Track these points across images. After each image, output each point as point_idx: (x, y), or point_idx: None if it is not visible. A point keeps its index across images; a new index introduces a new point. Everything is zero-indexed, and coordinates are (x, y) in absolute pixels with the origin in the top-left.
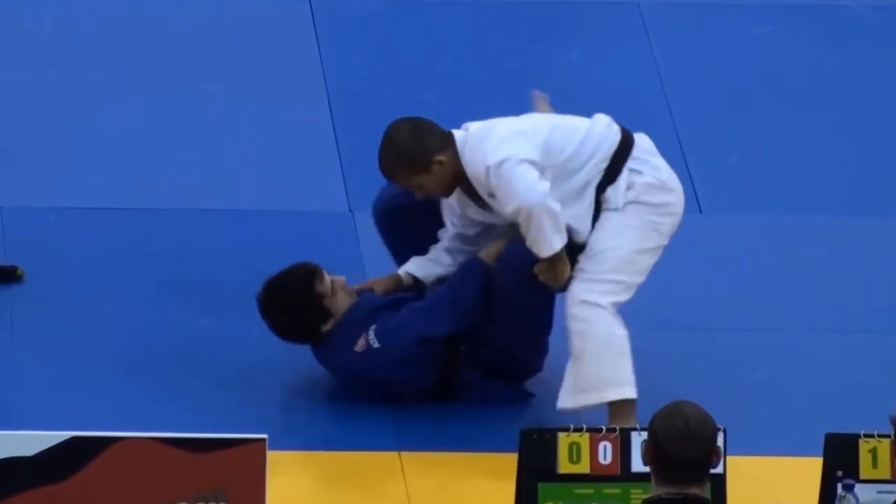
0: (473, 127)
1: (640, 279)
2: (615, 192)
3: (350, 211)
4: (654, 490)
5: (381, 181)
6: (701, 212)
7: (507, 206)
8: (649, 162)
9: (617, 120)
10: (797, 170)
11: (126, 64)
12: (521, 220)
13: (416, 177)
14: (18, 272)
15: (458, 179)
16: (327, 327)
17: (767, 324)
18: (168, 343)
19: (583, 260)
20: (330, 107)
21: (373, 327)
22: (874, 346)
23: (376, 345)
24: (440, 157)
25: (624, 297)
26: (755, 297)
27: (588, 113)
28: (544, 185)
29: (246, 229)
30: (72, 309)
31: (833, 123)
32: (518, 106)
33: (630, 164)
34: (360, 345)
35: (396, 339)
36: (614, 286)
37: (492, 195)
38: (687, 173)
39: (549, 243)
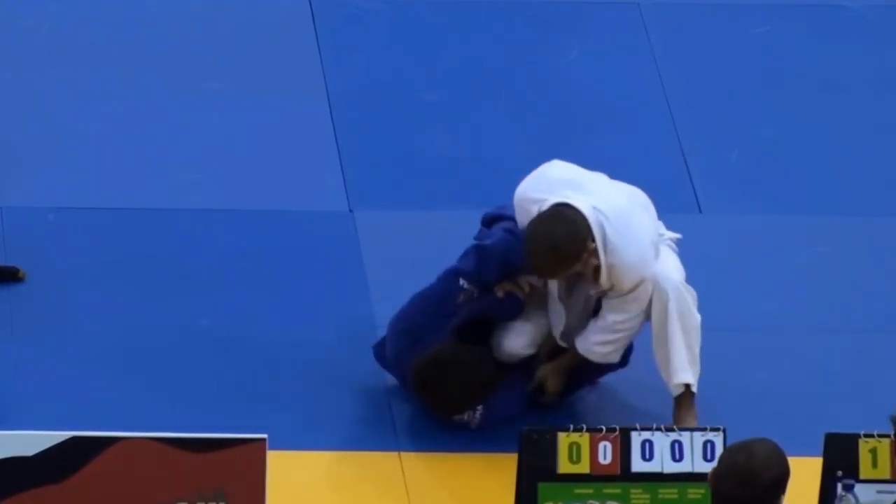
0: (605, 207)
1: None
2: None
3: (350, 211)
4: None
5: (381, 181)
6: (700, 212)
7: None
8: None
9: (618, 120)
10: (797, 170)
11: (126, 63)
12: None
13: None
14: (20, 274)
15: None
16: None
17: (767, 323)
18: (168, 343)
19: None
20: (330, 107)
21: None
22: (874, 346)
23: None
24: (592, 246)
25: None
26: (755, 297)
27: (587, 114)
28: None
29: (246, 229)
30: (71, 309)
31: (833, 123)
32: (516, 106)
33: None
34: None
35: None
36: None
37: (607, 294)
38: (687, 173)
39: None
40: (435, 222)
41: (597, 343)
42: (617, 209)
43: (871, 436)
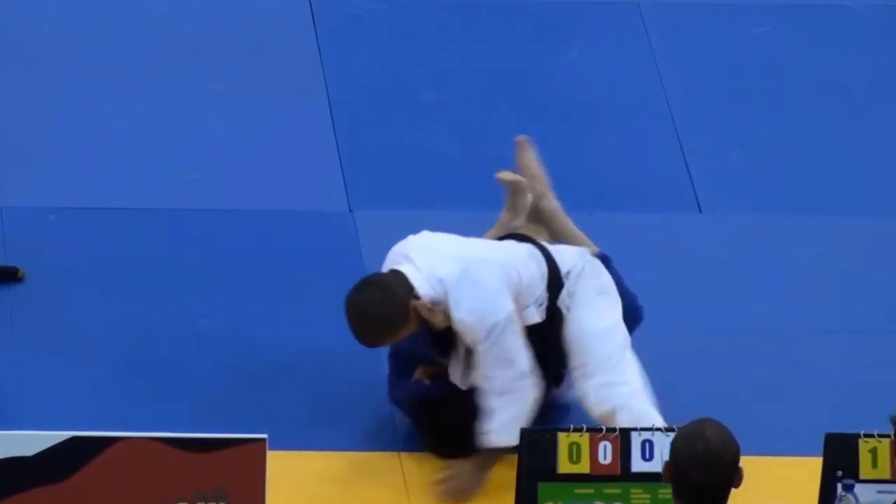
0: (420, 257)
1: (628, 341)
2: (563, 300)
3: (350, 211)
4: None
5: (382, 181)
6: (700, 212)
7: (495, 381)
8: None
9: (617, 120)
10: (797, 169)
11: (126, 63)
12: (502, 399)
13: (401, 333)
14: (20, 274)
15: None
16: None
17: (767, 324)
18: (168, 343)
19: (579, 355)
20: (330, 106)
21: None
22: (875, 346)
23: None
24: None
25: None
26: (755, 297)
27: (587, 114)
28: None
29: (245, 229)
30: (72, 309)
31: (833, 123)
32: (516, 106)
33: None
34: None
35: None
36: (623, 366)
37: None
38: (687, 173)
39: (516, 433)
40: (435, 223)
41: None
42: (461, 262)
43: (871, 436)
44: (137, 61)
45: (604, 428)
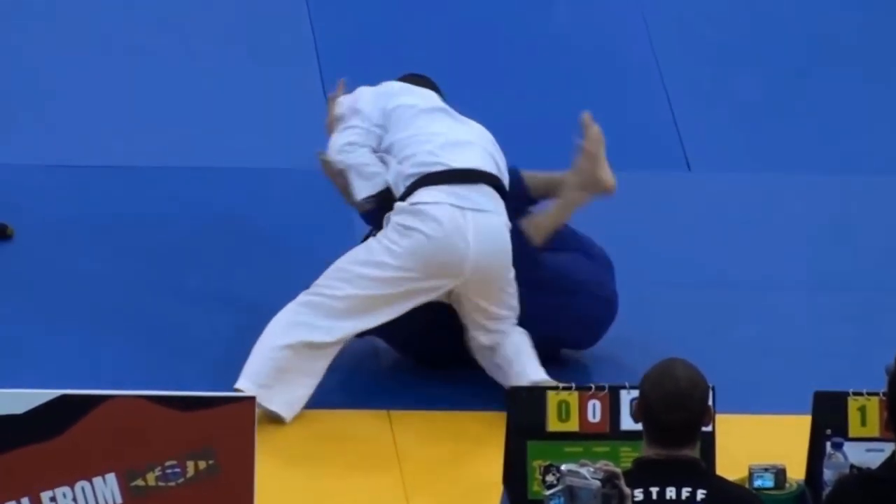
0: None
1: (340, 286)
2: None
3: None
4: (645, 450)
5: None
6: (689, 169)
7: None
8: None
9: (603, 74)
10: (786, 127)
11: (114, 22)
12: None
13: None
14: (8, 231)
15: None
16: None
17: (757, 281)
18: (156, 302)
19: None
20: (319, 65)
21: None
22: (863, 304)
23: None
24: None
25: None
26: (744, 255)
27: (576, 70)
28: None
29: (235, 187)
30: (59, 267)
31: (824, 81)
32: (504, 62)
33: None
34: None
35: None
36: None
37: None
38: (675, 129)
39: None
40: None
41: None
42: None
43: (860, 394)
44: (126, 20)
45: (593, 386)
